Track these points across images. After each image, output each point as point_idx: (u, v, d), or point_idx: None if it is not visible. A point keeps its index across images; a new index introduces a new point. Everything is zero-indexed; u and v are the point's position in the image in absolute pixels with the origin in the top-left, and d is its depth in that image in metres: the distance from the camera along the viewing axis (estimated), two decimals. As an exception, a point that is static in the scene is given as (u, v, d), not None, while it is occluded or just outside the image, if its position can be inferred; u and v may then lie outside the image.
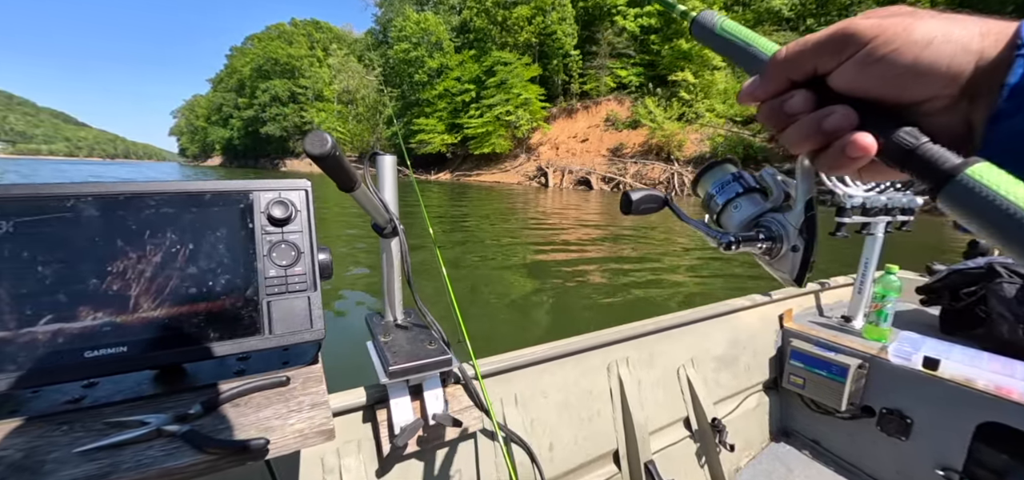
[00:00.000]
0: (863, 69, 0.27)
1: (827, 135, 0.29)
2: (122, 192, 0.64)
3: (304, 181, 0.77)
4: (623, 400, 1.42)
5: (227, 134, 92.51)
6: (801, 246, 0.39)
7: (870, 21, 0.27)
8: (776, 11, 33.26)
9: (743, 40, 0.38)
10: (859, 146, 0.27)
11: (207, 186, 0.69)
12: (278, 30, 77.69)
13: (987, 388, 1.29)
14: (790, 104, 0.31)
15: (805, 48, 0.30)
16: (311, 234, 0.76)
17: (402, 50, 47.24)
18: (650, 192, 0.47)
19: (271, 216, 0.72)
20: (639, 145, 31.63)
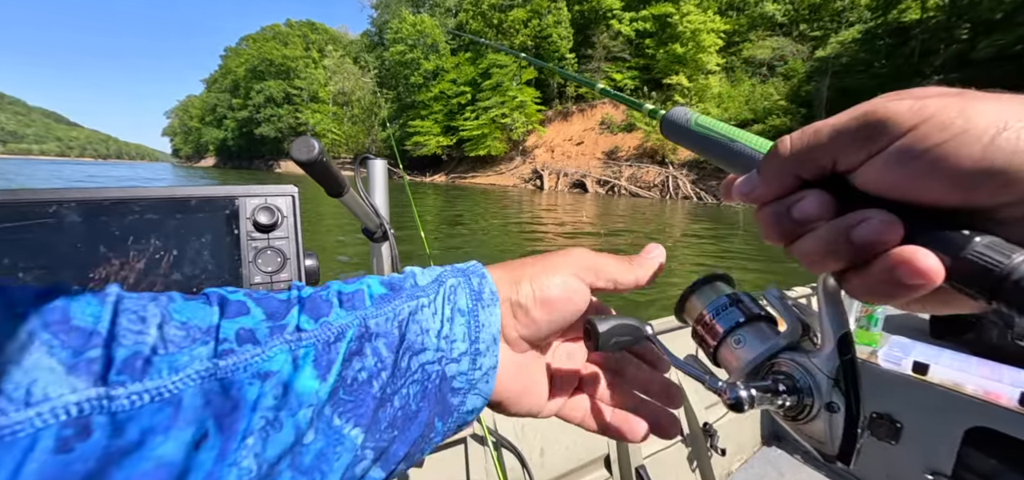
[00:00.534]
0: (902, 166, 0.21)
1: (860, 250, 0.22)
2: (106, 197, 0.63)
3: (291, 187, 0.76)
4: None
5: (221, 135, 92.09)
6: (840, 405, 0.28)
7: (905, 104, 0.21)
8: (770, 16, 33.60)
9: (724, 136, 0.32)
10: (917, 268, 0.20)
11: (192, 192, 0.68)
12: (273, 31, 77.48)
13: (976, 393, 1.30)
14: (800, 208, 0.25)
15: (819, 138, 0.24)
16: (298, 240, 0.75)
17: (398, 52, 47.27)
18: (623, 321, 0.33)
19: (257, 222, 0.71)
20: (634, 148, 31.79)
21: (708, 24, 30.62)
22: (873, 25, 26.72)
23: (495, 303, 0.31)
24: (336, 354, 0.26)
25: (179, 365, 0.21)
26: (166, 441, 0.20)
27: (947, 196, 0.20)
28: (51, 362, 0.18)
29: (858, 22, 28.10)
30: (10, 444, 0.16)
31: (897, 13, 25.69)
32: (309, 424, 0.24)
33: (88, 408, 0.18)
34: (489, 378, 0.30)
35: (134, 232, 0.64)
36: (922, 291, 0.21)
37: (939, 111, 0.20)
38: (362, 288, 0.29)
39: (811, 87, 27.42)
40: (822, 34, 30.20)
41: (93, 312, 0.21)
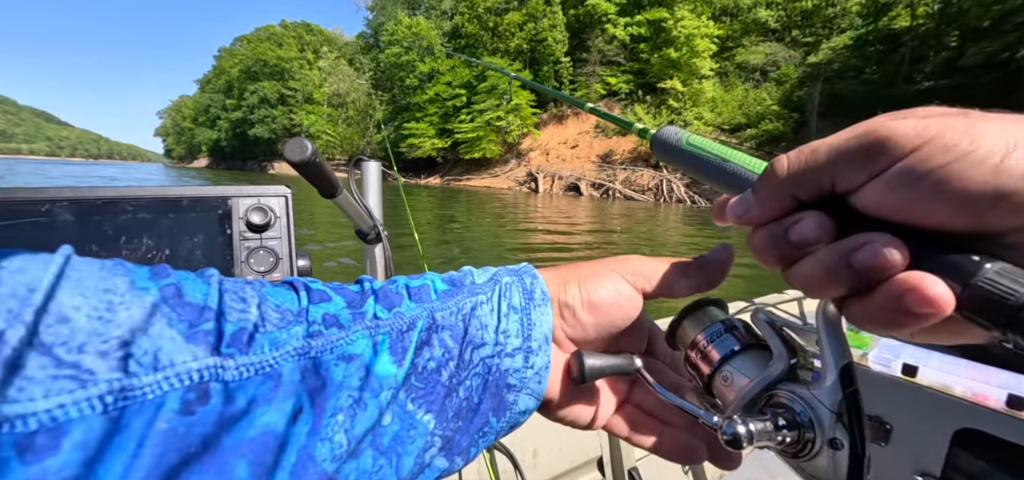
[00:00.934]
0: (905, 188, 0.20)
1: (862, 275, 0.21)
2: (99, 197, 0.63)
3: (284, 188, 0.76)
4: None
5: (214, 135, 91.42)
6: (844, 441, 0.26)
7: (908, 123, 0.20)
8: (763, 22, 33.96)
9: (715, 155, 0.31)
10: (927, 296, 0.19)
11: (185, 192, 0.68)
12: (268, 31, 77.15)
13: (964, 395, 1.32)
14: (798, 230, 0.23)
15: (817, 158, 0.23)
16: (290, 240, 0.75)
17: (393, 54, 47.25)
18: (611, 361, 0.32)
19: (250, 222, 0.71)
20: (628, 152, 31.94)
21: (702, 29, 30.90)
22: (864, 32, 27.09)
23: (546, 303, 0.31)
24: (409, 342, 0.27)
25: (279, 342, 0.22)
26: (269, 410, 0.21)
27: (953, 220, 0.19)
28: (172, 332, 0.20)
29: (849, 29, 28.47)
30: (141, 403, 0.18)
31: (888, 20, 26.09)
32: (388, 406, 0.25)
33: (207, 375, 0.20)
34: (541, 378, 0.30)
35: (127, 231, 0.64)
36: (931, 321, 0.19)
37: (943, 131, 0.19)
38: (427, 283, 0.30)
39: (803, 92, 27.73)
40: (814, 40, 30.57)
41: (202, 290, 0.22)
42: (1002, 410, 1.23)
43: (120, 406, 0.17)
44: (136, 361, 0.18)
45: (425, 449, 0.27)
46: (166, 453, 0.18)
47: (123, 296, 0.19)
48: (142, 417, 0.18)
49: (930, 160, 0.19)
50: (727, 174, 0.30)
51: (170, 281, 0.22)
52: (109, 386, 0.17)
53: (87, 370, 0.17)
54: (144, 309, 0.19)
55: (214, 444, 0.19)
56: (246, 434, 0.20)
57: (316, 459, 0.22)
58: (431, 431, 0.27)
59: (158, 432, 0.18)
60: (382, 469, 0.25)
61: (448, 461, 0.28)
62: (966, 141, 0.18)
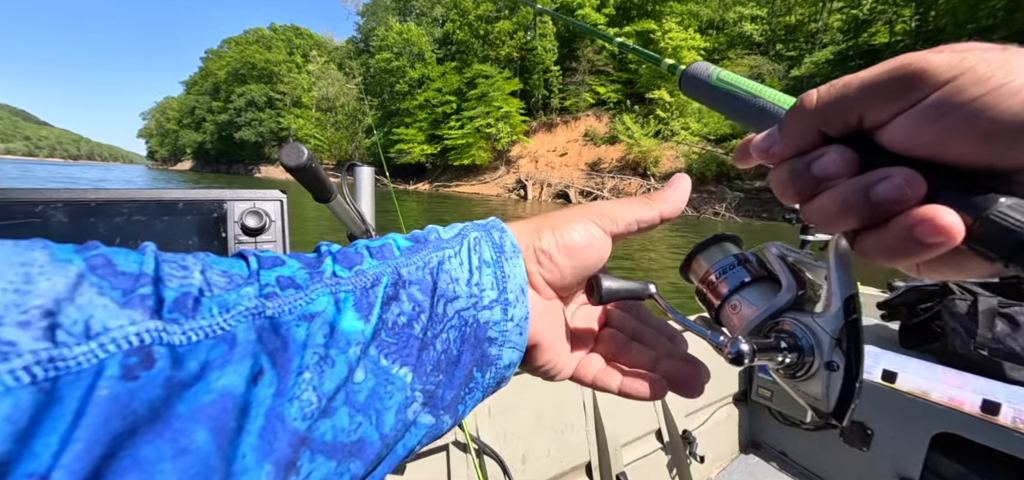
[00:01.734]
0: (934, 121, 0.20)
1: (879, 208, 0.22)
2: (93, 198, 0.62)
3: (279, 192, 0.76)
4: (596, 412, 1.43)
5: (200, 138, 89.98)
6: (840, 364, 0.28)
7: (943, 56, 0.20)
8: (748, 36, 34.72)
9: (746, 91, 0.31)
10: (936, 225, 0.20)
11: (180, 195, 0.68)
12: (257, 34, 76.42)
13: (941, 400, 1.36)
14: (821, 164, 0.24)
15: (848, 92, 0.23)
16: (285, 244, 0.75)
17: (384, 59, 47.14)
18: (627, 285, 0.33)
19: (245, 226, 0.71)
20: (617, 160, 32.24)
21: (689, 42, 31.44)
22: (845, 47, 27.85)
23: (517, 255, 0.31)
24: (375, 298, 0.26)
25: (228, 304, 0.22)
26: (225, 373, 0.20)
27: (979, 154, 0.19)
28: (104, 300, 0.19)
29: (831, 44, 29.25)
30: (76, 375, 0.17)
31: (867, 36, 26.88)
32: (358, 362, 0.25)
33: (149, 339, 0.19)
34: (522, 329, 0.30)
35: (121, 233, 0.63)
36: (940, 250, 0.20)
37: (978, 64, 0.19)
38: (389, 242, 0.30)
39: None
40: (797, 54, 31.33)
41: (136, 259, 0.21)
42: (977, 415, 1.27)
43: (51, 376, 0.16)
44: (65, 331, 0.17)
45: (406, 405, 0.27)
46: (110, 420, 0.17)
47: (42, 267, 0.18)
48: (78, 387, 0.17)
49: (962, 92, 0.19)
50: (756, 110, 0.30)
51: (98, 252, 0.20)
52: (35, 356, 0.16)
53: (6, 342, 0.16)
54: (68, 279, 0.18)
55: (165, 410, 0.19)
56: (202, 398, 0.19)
57: (285, 419, 0.22)
58: (409, 384, 0.26)
59: (99, 399, 0.17)
60: (361, 426, 0.25)
61: (434, 417, 0.28)
62: (1001, 73, 0.18)
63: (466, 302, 0.29)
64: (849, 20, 28.26)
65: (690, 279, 0.37)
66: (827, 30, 30.60)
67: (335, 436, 0.24)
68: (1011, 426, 1.21)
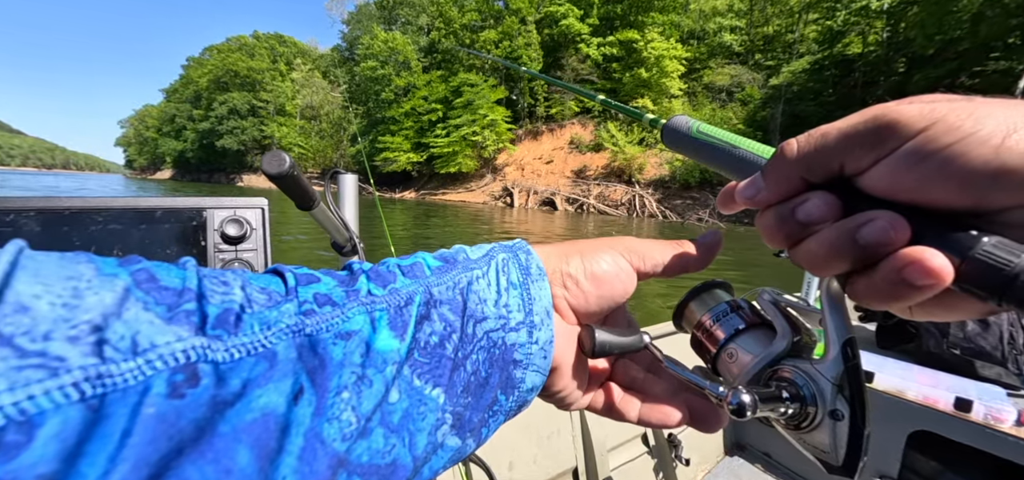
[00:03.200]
0: (912, 168, 0.21)
1: (866, 251, 0.22)
2: (67, 207, 0.61)
3: (261, 199, 0.75)
4: (582, 417, 1.43)
5: (180, 146, 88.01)
6: (845, 412, 0.27)
7: (914, 107, 0.21)
8: (727, 46, 35.57)
9: (725, 141, 0.32)
10: (925, 267, 0.20)
11: (158, 202, 0.66)
12: (239, 42, 75.39)
13: (917, 398, 1.40)
14: (805, 209, 0.24)
15: (826, 140, 0.24)
16: (267, 252, 0.74)
17: (369, 68, 46.95)
18: (622, 338, 0.32)
19: (225, 234, 0.70)
20: (602, 167, 32.58)
21: (671, 51, 32.05)
22: (821, 57, 28.72)
23: (543, 278, 0.31)
24: (408, 317, 0.26)
25: (269, 321, 0.21)
26: (266, 391, 0.20)
27: (957, 198, 0.20)
28: (149, 316, 0.18)
29: (807, 54, 30.12)
30: (123, 392, 0.17)
31: (842, 47, 27.77)
32: (393, 382, 0.24)
33: (194, 356, 0.19)
34: (546, 353, 0.30)
35: (96, 242, 0.62)
36: (931, 292, 0.20)
37: (948, 114, 0.20)
38: (419, 261, 0.30)
39: (766, 112, 29.07)
40: (776, 64, 32.17)
41: (178, 274, 0.21)
42: (951, 412, 1.31)
43: (99, 393, 0.16)
44: (112, 346, 0.17)
45: (437, 426, 0.26)
46: (157, 440, 0.17)
47: (89, 282, 0.18)
48: (126, 404, 0.17)
49: (936, 140, 0.20)
50: (736, 160, 0.31)
51: (142, 266, 0.20)
52: (84, 373, 0.16)
53: (56, 357, 0.16)
54: (115, 293, 0.18)
55: (210, 429, 0.18)
56: (244, 417, 0.19)
57: (325, 440, 0.21)
58: (441, 406, 0.26)
59: (146, 418, 0.17)
60: (395, 448, 0.24)
61: (460, 439, 0.28)
62: (970, 123, 0.19)
63: (494, 323, 0.29)
64: (824, 31, 29.18)
65: (683, 327, 0.37)
66: (803, 41, 31.53)
67: (371, 458, 0.23)
68: (983, 423, 1.24)
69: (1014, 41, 18.95)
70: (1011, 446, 1.19)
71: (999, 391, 1.34)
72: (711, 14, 36.52)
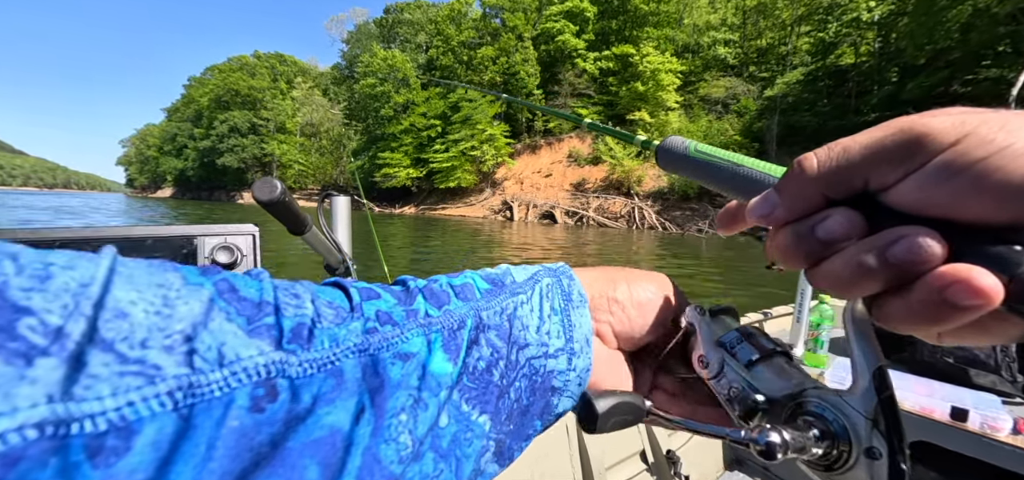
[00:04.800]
0: (945, 182, 0.19)
1: (898, 270, 0.20)
2: (58, 237, 0.61)
3: (251, 226, 0.76)
4: (579, 435, 1.43)
5: (180, 165, 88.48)
6: (882, 450, 0.24)
7: (945, 119, 0.20)
8: (722, 59, 36.01)
9: (729, 161, 0.31)
10: (973, 287, 0.18)
11: (148, 231, 0.67)
12: (240, 61, 76.23)
13: (914, 409, 1.39)
14: (826, 227, 0.22)
15: (850, 156, 0.22)
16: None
17: (368, 85, 47.44)
18: (622, 399, 0.30)
19: (215, 261, 0.70)
20: (601, 180, 32.74)
21: (666, 65, 32.44)
22: (814, 68, 29.07)
23: (584, 304, 0.31)
24: (461, 341, 0.26)
25: (338, 338, 0.22)
26: (333, 409, 0.20)
27: (994, 213, 0.19)
28: (232, 327, 0.19)
29: (801, 65, 30.48)
30: (209, 404, 0.17)
31: (834, 58, 28.14)
32: (444, 406, 0.24)
33: (273, 371, 0.19)
34: (583, 380, 0.30)
35: None
36: (978, 313, 0.19)
37: (980, 125, 0.19)
38: (469, 282, 0.29)
39: (762, 123, 29.33)
40: (770, 76, 32.55)
41: (255, 286, 0.21)
42: (947, 422, 1.30)
43: (189, 403, 0.17)
44: (201, 356, 0.17)
45: (482, 453, 0.26)
46: (239, 454, 0.17)
47: (178, 291, 0.18)
48: (211, 415, 0.17)
49: (969, 154, 0.19)
50: (740, 179, 0.29)
51: (221, 276, 0.21)
52: (178, 382, 0.16)
53: (153, 366, 0.16)
54: (202, 303, 0.18)
55: (283, 445, 0.19)
56: (313, 434, 0.20)
57: (382, 461, 0.21)
58: (487, 433, 0.26)
59: (230, 431, 0.17)
60: (442, 473, 0.24)
61: (500, 467, 0.27)
62: (1003, 135, 0.18)
63: (536, 350, 0.28)
64: (816, 43, 29.58)
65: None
66: (796, 52, 31.93)
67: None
68: (979, 432, 1.24)
69: (1004, 49, 19.20)
70: (1008, 455, 1.19)
71: (994, 399, 1.34)
72: (705, 28, 37.05)
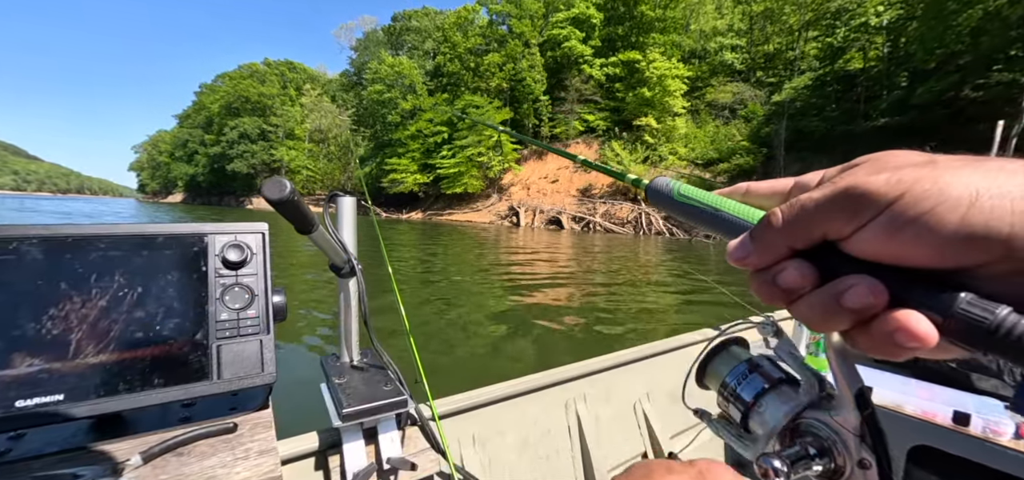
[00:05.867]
0: (892, 236, 0.22)
1: (853, 314, 0.24)
2: (70, 234, 0.62)
3: (262, 224, 0.78)
4: (581, 437, 1.43)
5: (191, 170, 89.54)
6: (871, 461, 0.28)
7: (883, 176, 0.22)
8: (729, 64, 35.87)
9: (709, 205, 0.32)
10: (911, 332, 0.22)
11: (160, 229, 0.69)
12: (251, 69, 77.21)
13: (915, 413, 1.38)
14: (783, 278, 0.26)
15: (806, 212, 0.25)
16: (266, 277, 0.76)
17: (376, 91, 47.86)
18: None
19: (226, 259, 0.72)
20: (607, 185, 32.68)
21: (672, 70, 32.41)
22: (822, 73, 28.86)
23: None
24: None
25: None
26: None
27: (938, 260, 0.21)
28: None
29: (809, 70, 30.28)
30: None
31: (843, 63, 27.93)
32: None
33: None
34: None
35: (98, 269, 0.63)
36: (921, 351, 0.22)
37: (914, 184, 0.21)
38: None
39: (770, 129, 29.12)
40: (777, 81, 32.38)
41: None
42: (949, 426, 1.30)
43: None
44: None
45: None
46: None
47: None
48: None
49: (907, 211, 0.21)
50: (721, 221, 0.32)
51: None
52: None
53: None
54: None
55: None
56: None
57: None
58: None
59: None
60: None
61: None
62: (935, 192, 0.21)
63: None
64: (824, 48, 29.38)
65: (707, 386, 0.37)
66: (804, 58, 31.74)
67: None
68: (982, 436, 1.23)
69: (1016, 53, 18.93)
70: (1011, 460, 1.18)
71: (997, 404, 1.33)
72: (711, 34, 36.98)
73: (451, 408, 1.17)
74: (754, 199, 0.33)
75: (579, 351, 1.50)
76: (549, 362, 1.46)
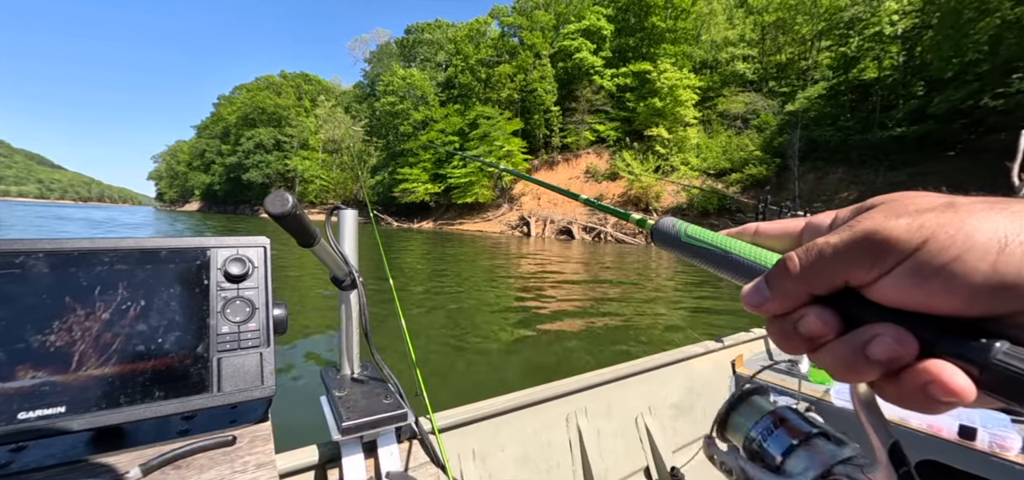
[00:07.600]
0: (918, 285, 0.21)
1: (880, 365, 0.22)
2: (75, 249, 0.64)
3: (263, 238, 0.79)
4: (582, 451, 1.41)
5: (208, 180, 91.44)
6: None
7: (903, 221, 0.21)
8: (740, 74, 35.66)
9: (718, 247, 0.31)
10: (947, 387, 0.20)
11: (163, 243, 0.71)
12: (267, 81, 79.01)
13: (921, 427, 1.35)
14: (805, 325, 0.24)
15: (824, 258, 0.24)
16: (267, 290, 0.77)
17: (388, 103, 48.54)
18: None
19: (228, 273, 0.73)
20: (618, 196, 32.56)
21: (684, 81, 32.31)
22: (836, 82, 28.50)
23: None
24: None
25: None
26: None
27: (968, 309, 0.20)
28: None
29: (822, 80, 29.95)
30: None
31: (857, 72, 27.56)
32: None
33: None
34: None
35: (102, 283, 0.63)
36: (958, 406, 0.21)
37: (938, 229, 0.20)
38: None
39: (783, 139, 28.78)
40: (790, 90, 32.06)
41: None
42: (955, 440, 1.26)
43: None
44: None
45: None
46: None
47: None
48: None
49: (934, 259, 0.20)
50: (732, 263, 0.30)
51: None
52: None
53: None
54: None
55: None
56: None
57: None
58: None
59: None
60: None
61: None
62: (961, 238, 0.20)
63: None
64: (838, 57, 29.05)
65: (728, 439, 0.36)
66: (817, 67, 31.43)
67: None
68: (988, 451, 1.20)
69: (1037, 62, 18.51)
70: (1018, 475, 1.14)
71: (1003, 417, 1.29)
72: (723, 44, 36.84)
73: (451, 421, 1.17)
74: (764, 240, 0.31)
75: (589, 366, 1.50)
76: (557, 378, 1.45)
